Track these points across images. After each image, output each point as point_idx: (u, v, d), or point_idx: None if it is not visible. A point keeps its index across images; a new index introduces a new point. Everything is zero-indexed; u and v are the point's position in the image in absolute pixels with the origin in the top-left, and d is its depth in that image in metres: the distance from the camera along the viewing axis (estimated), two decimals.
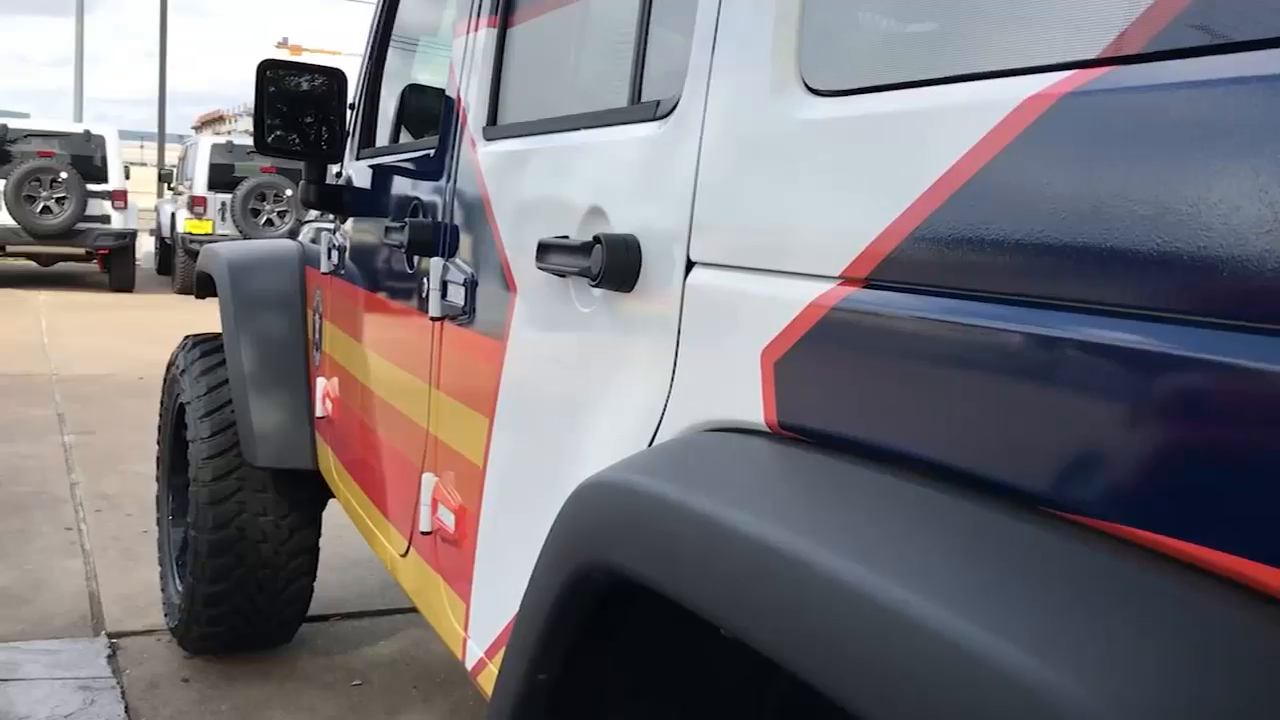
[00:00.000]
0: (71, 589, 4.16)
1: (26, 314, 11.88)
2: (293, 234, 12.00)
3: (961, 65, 0.95)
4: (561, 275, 1.55)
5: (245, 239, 13.87)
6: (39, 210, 13.52)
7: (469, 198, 1.99)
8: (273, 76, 2.74)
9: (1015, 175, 0.85)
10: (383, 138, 2.93)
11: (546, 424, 1.63)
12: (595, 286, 1.41)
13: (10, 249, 13.98)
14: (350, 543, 3.78)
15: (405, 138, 2.84)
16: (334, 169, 3.03)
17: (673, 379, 1.30)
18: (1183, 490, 0.72)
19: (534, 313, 1.69)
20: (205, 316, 3.97)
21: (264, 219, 14.14)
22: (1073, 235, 0.80)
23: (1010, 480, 0.84)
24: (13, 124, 14.57)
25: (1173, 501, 0.72)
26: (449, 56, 2.21)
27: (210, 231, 14.20)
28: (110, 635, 3.76)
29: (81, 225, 13.72)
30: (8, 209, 13.41)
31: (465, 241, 1.99)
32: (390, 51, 2.97)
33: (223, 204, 14.30)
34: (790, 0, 1.16)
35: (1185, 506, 0.72)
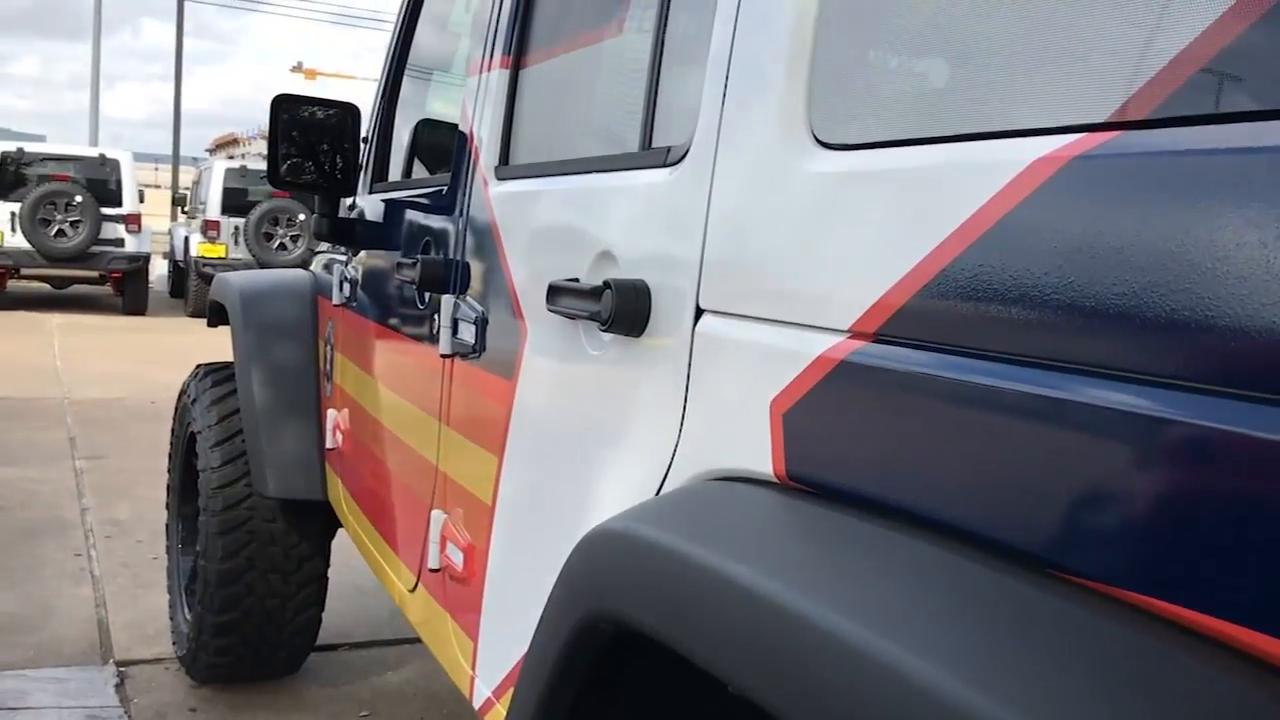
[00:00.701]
0: (81, 616, 4.16)
1: (40, 336, 11.94)
2: (305, 262, 12.06)
3: (971, 124, 0.96)
4: (572, 318, 1.55)
5: (258, 263, 14.03)
6: (54, 233, 13.61)
7: (481, 236, 2.00)
8: (287, 110, 2.76)
9: (1023, 236, 0.86)
10: (395, 172, 2.94)
11: (556, 466, 1.63)
12: (605, 331, 1.42)
13: (24, 272, 14.08)
14: (359, 571, 3.78)
15: (418, 173, 2.85)
16: (346, 201, 3.05)
17: (682, 426, 1.30)
18: (1191, 557, 0.72)
19: (544, 353, 1.70)
20: (217, 340, 3.99)
21: (277, 243, 14.21)
22: (1078, 298, 0.80)
23: (1017, 542, 0.84)
24: (29, 147, 14.71)
25: (1184, 568, 0.72)
26: (462, 93, 2.23)
27: (223, 255, 14.28)
28: (119, 663, 3.76)
29: (95, 248, 13.81)
30: (23, 232, 13.51)
31: (476, 280, 2.00)
32: (404, 86, 2.99)
33: (236, 228, 14.37)
34: (800, 53, 1.16)
35: (1195, 573, 0.72)
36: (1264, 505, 0.68)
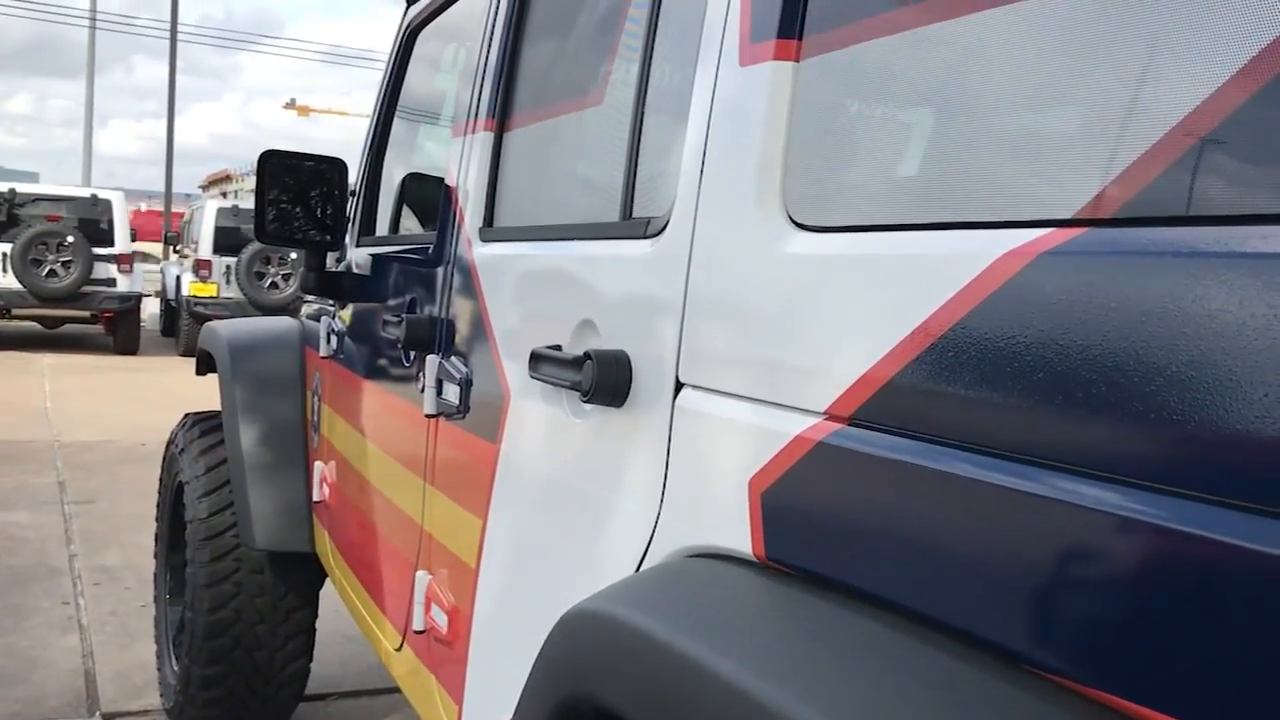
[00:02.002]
0: (67, 667, 4.13)
1: (31, 377, 11.91)
2: (297, 300, 12.08)
3: (940, 213, 0.97)
4: (554, 386, 1.56)
5: (250, 302, 14.04)
6: (45, 274, 13.61)
7: (465, 298, 2.00)
8: (274, 166, 2.78)
9: (990, 331, 0.86)
10: (383, 225, 2.96)
11: (539, 534, 1.63)
12: (586, 402, 1.42)
13: (16, 312, 14.06)
14: (348, 619, 3.75)
15: (405, 227, 2.87)
16: (334, 252, 3.06)
17: (662, 499, 1.30)
18: (1162, 656, 0.72)
19: (527, 418, 1.70)
20: (207, 379, 3.98)
21: (268, 282, 14.22)
22: (1045, 395, 0.81)
23: (993, 635, 0.84)
24: (21, 187, 14.71)
25: (1157, 668, 0.72)
26: (448, 151, 2.24)
27: (215, 294, 14.29)
28: (105, 716, 3.73)
29: (87, 289, 13.80)
30: (14, 273, 13.51)
31: (460, 341, 2.00)
32: (391, 139, 3.00)
33: (227, 267, 14.39)
34: (775, 133, 1.17)
35: (1167, 673, 0.72)
36: (1220, 603, 0.68)
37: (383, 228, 2.96)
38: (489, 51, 2.06)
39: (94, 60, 27.09)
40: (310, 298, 3.55)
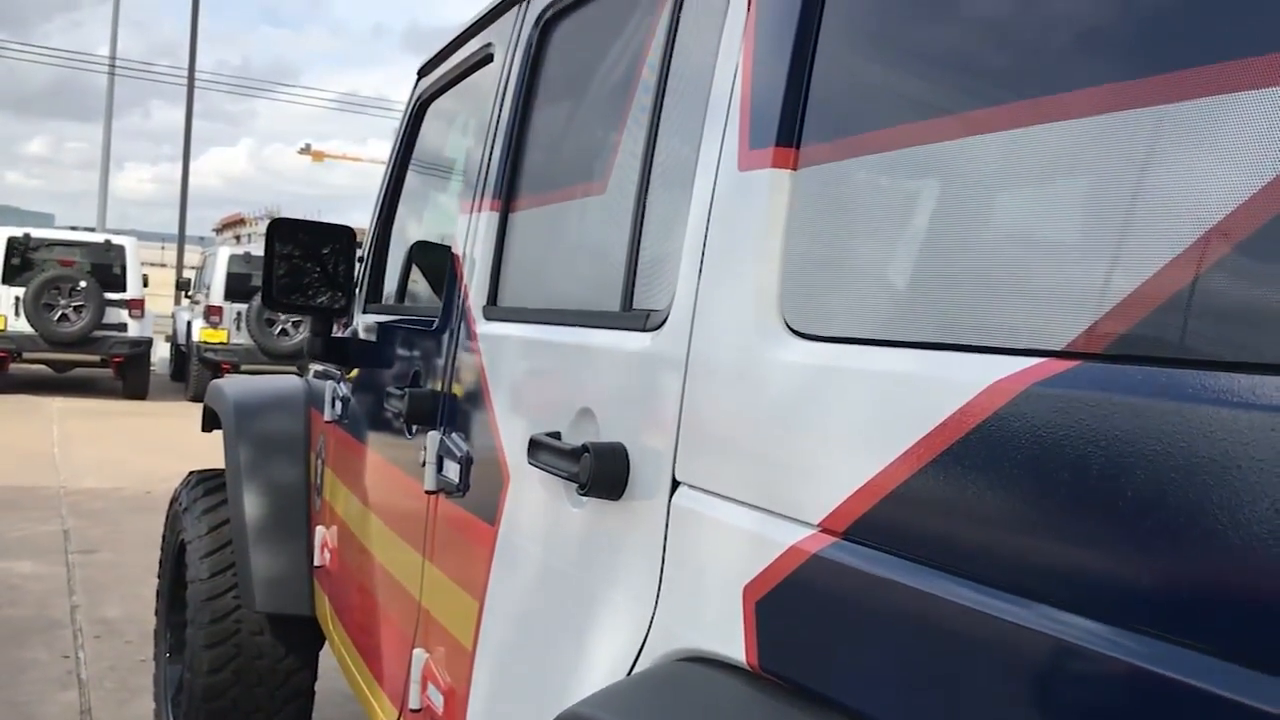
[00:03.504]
0: None
1: (39, 421, 11.94)
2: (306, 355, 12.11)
3: (935, 333, 0.97)
4: (552, 474, 1.55)
5: (260, 348, 14.09)
6: (57, 318, 13.69)
7: (467, 375, 2.01)
8: (282, 234, 2.80)
9: (978, 458, 0.86)
10: (389, 292, 2.97)
11: (534, 623, 1.63)
12: (583, 495, 1.42)
13: (26, 355, 14.13)
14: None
15: (411, 295, 2.88)
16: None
17: (657, 599, 1.30)
18: None
19: (526, 503, 1.70)
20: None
21: (279, 329, 14.27)
22: (1029, 528, 0.82)
23: None
24: (35, 232, 14.87)
25: None
26: (454, 226, 2.26)
27: (225, 341, 14.36)
28: None
29: (98, 333, 13.87)
30: (26, 316, 13.59)
31: (462, 418, 2.00)
32: (400, 207, 3.03)
33: (238, 314, 14.46)
34: (772, 239, 1.18)
35: None
36: None
37: (389, 295, 2.97)
38: (496, 131, 2.08)
39: (112, 104, 27.38)
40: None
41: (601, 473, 1.38)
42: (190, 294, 17.73)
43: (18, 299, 13.67)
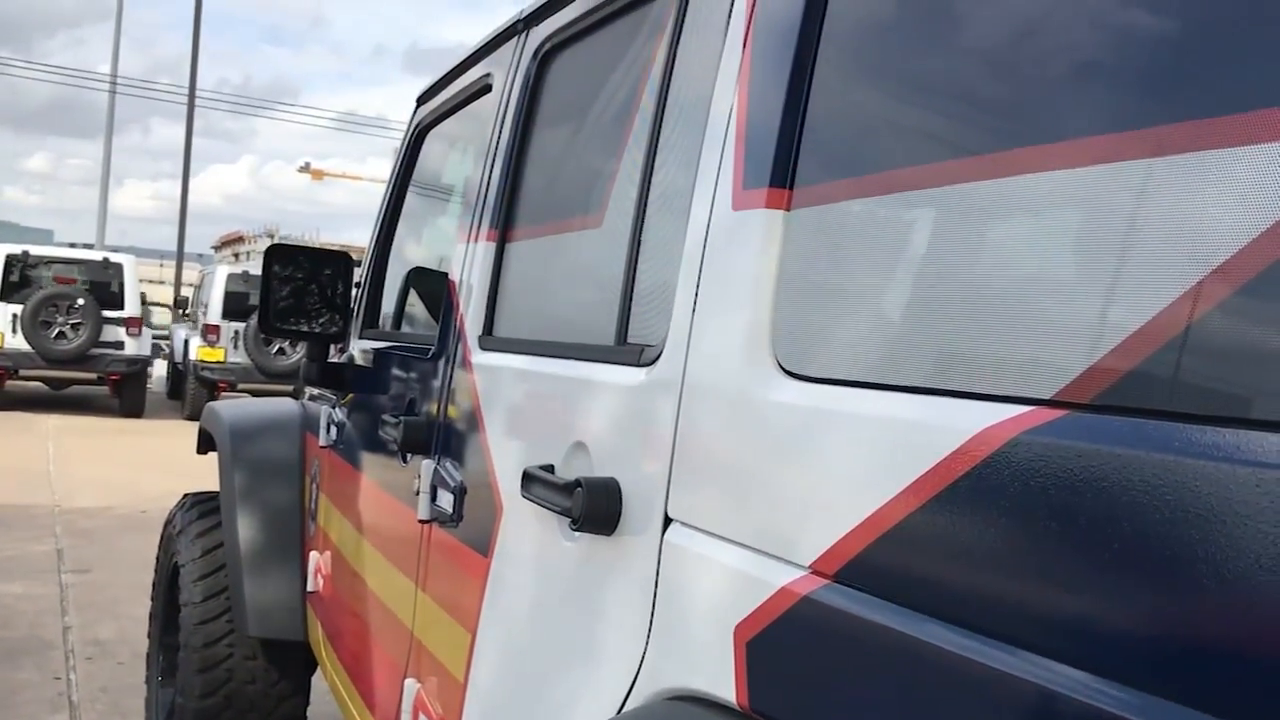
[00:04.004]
0: None
1: (35, 439, 11.92)
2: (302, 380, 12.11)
3: (926, 377, 0.97)
4: (545, 507, 1.56)
5: (257, 367, 14.09)
6: (54, 336, 13.69)
7: (462, 404, 2.01)
8: (280, 259, 2.81)
9: (967, 506, 0.86)
10: (386, 319, 2.98)
11: (526, 656, 1.62)
12: (575, 530, 1.42)
13: (23, 372, 14.12)
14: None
15: (408, 322, 2.89)
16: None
17: (649, 635, 1.30)
18: None
19: (519, 535, 1.70)
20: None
21: (276, 348, 14.27)
22: (1016, 576, 0.82)
23: None
24: (34, 249, 14.89)
25: None
26: (451, 256, 2.27)
27: (222, 359, 14.36)
28: None
29: (95, 351, 13.87)
30: (23, 334, 13.59)
31: (457, 447, 2.00)
32: (398, 233, 3.04)
33: (236, 332, 14.46)
34: (765, 279, 1.18)
35: None
36: None
37: (386, 321, 2.98)
38: (494, 161, 2.09)
39: (113, 121, 27.44)
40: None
41: (594, 508, 1.38)
42: (186, 312, 17.74)
43: (15, 316, 13.68)
